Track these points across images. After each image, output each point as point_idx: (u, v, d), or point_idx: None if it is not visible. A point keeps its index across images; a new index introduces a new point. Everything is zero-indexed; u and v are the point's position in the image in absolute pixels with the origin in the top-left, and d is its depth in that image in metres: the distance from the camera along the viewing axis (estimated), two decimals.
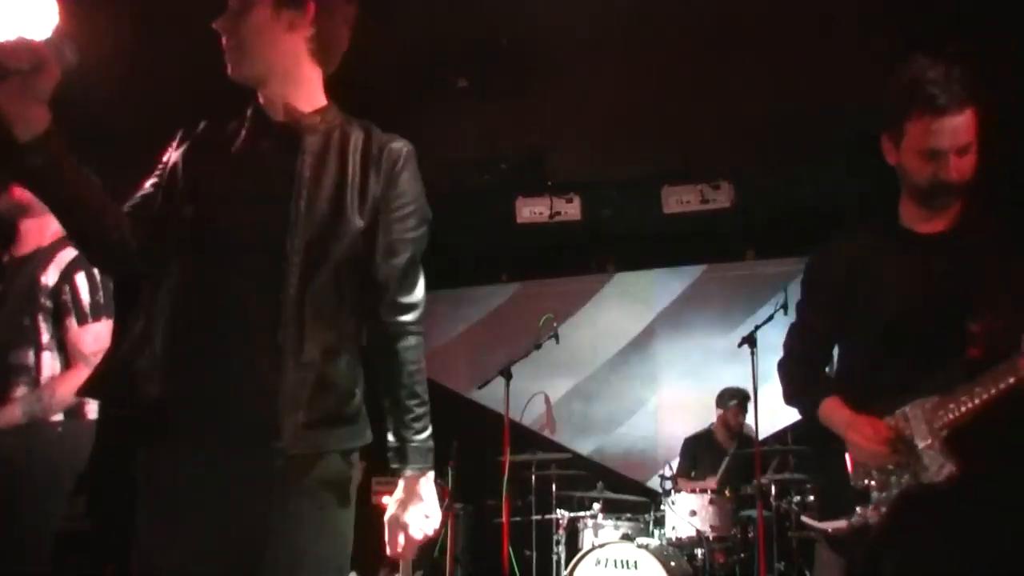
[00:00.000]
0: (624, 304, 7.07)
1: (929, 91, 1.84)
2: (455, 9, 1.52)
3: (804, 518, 2.19)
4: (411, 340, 1.62)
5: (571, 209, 5.90)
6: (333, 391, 1.52)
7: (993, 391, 1.76)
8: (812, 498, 4.60)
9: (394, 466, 1.62)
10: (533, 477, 5.38)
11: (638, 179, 5.91)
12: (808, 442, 4.91)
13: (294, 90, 1.60)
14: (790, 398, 2.15)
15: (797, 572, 4.78)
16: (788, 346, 2.19)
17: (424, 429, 1.62)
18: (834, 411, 1.99)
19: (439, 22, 1.47)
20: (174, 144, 1.67)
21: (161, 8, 3.86)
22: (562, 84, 4.52)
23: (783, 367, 2.19)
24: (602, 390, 6.97)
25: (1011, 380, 1.73)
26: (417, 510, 1.61)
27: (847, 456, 2.00)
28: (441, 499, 1.87)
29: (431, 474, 1.63)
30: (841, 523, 1.97)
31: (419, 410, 1.61)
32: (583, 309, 7.07)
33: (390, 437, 1.62)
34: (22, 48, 1.31)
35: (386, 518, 1.64)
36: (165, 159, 1.66)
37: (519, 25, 3.98)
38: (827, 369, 2.22)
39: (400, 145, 1.62)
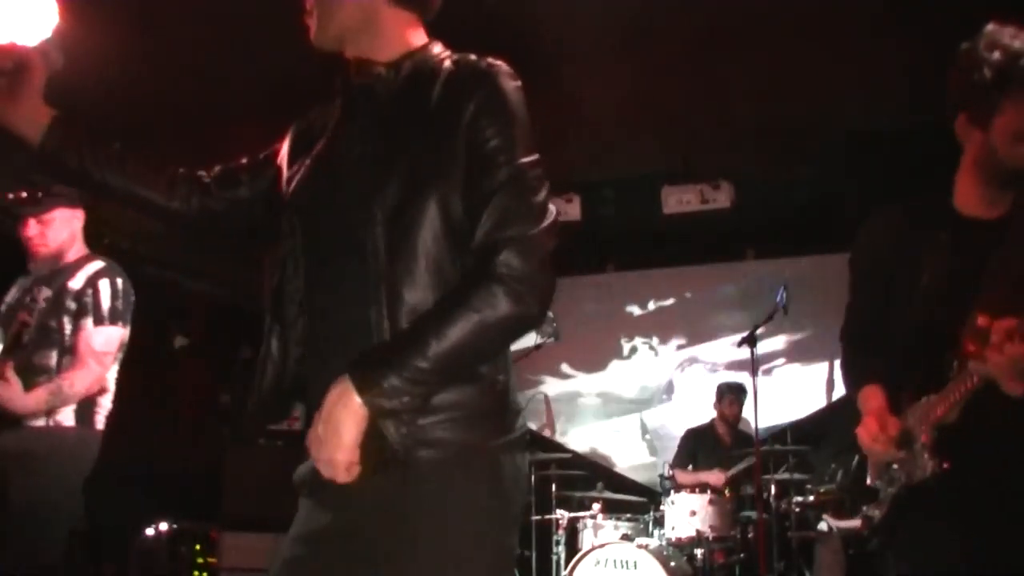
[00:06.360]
0: (624, 304, 7.07)
1: None
2: (454, 10, 1.50)
3: (826, 516, 2.14)
4: (495, 288, 1.21)
5: (571, 209, 5.90)
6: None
7: (964, 389, 1.69)
8: (812, 498, 4.62)
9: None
10: (533, 477, 5.38)
11: (638, 179, 5.91)
12: (812, 442, 4.94)
13: (373, 44, 1.41)
14: (844, 383, 2.05)
15: (797, 572, 4.77)
16: (842, 329, 2.09)
17: (404, 360, 1.18)
18: (866, 401, 1.89)
19: (437, 23, 1.47)
20: (288, 136, 1.55)
21: (161, 8, 3.86)
22: (562, 84, 4.52)
23: (841, 352, 2.09)
24: (601, 390, 6.97)
25: (975, 378, 1.65)
26: (317, 420, 1.21)
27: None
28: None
29: (354, 398, 1.18)
30: (856, 522, 1.96)
31: (421, 342, 1.19)
32: (583, 309, 7.08)
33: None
34: (0, 50, 1.34)
35: None
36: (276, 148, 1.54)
37: (518, 25, 3.98)
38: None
39: (485, 65, 1.34)
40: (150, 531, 5.50)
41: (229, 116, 4.68)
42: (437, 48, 1.44)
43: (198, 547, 5.53)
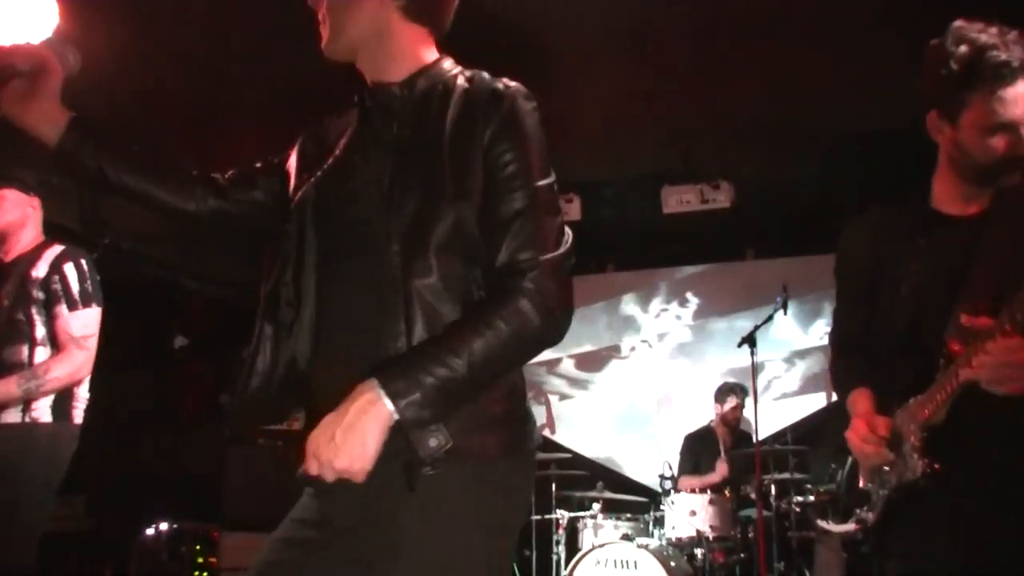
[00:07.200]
0: (624, 304, 7.07)
1: (995, 58, 1.64)
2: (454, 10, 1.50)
3: (819, 522, 2.12)
4: (524, 304, 1.25)
5: (571, 209, 5.90)
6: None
7: (949, 389, 1.67)
8: (812, 498, 4.62)
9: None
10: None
11: (638, 179, 5.92)
12: (812, 442, 4.95)
13: (386, 58, 1.43)
14: (833, 389, 2.05)
15: (797, 572, 4.77)
16: (830, 335, 2.10)
17: (436, 370, 1.19)
18: (854, 405, 1.90)
19: None
20: (297, 144, 1.56)
21: (162, 8, 3.87)
22: (562, 84, 4.52)
23: (830, 358, 2.10)
24: (601, 390, 6.97)
25: (959, 378, 1.64)
26: (333, 424, 1.18)
27: None
28: None
29: (385, 406, 1.17)
30: (850, 526, 1.95)
31: (452, 352, 1.21)
32: (583, 309, 7.08)
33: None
34: (19, 51, 1.35)
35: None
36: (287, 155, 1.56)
37: (519, 26, 3.98)
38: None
39: (502, 87, 1.36)
40: (150, 531, 5.50)
41: (229, 116, 4.69)
42: (448, 63, 1.45)
43: (198, 547, 5.53)
